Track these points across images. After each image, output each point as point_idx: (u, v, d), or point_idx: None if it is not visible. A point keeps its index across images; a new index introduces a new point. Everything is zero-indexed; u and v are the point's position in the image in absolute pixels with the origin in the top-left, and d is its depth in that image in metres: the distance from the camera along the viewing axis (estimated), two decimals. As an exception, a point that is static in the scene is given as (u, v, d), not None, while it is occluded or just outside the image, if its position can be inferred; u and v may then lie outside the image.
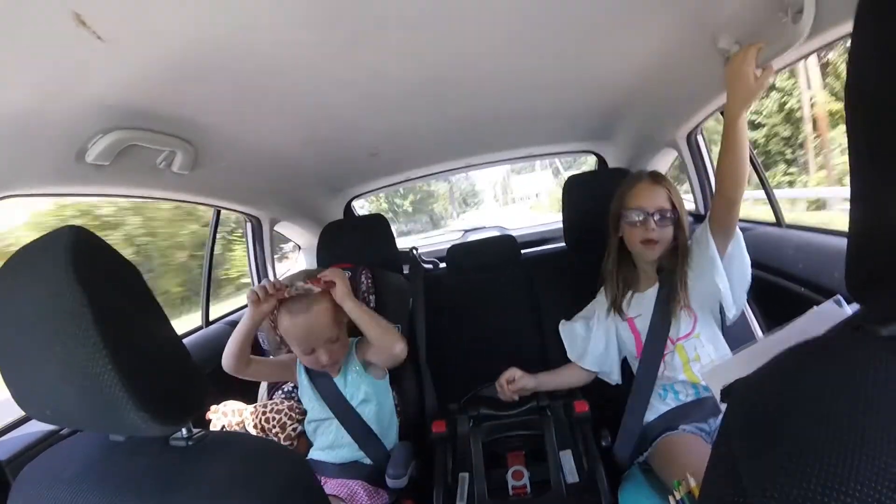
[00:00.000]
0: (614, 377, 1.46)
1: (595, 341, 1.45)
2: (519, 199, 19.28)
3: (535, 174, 17.99)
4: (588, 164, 2.72)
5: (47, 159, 1.00)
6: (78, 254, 0.53)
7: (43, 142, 0.96)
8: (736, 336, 1.37)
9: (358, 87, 1.23)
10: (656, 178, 1.35)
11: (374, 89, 1.26)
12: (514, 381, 1.43)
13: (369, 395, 1.38)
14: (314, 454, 1.39)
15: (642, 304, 1.39)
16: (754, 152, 1.45)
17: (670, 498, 0.91)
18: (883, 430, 0.32)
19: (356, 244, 1.77)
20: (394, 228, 1.86)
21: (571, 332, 1.51)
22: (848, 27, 0.89)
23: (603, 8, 1.03)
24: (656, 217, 1.30)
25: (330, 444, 1.38)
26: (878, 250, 0.37)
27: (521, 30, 1.08)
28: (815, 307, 0.74)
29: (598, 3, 1.01)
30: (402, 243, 2.29)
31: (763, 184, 1.59)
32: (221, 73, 0.99)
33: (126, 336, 0.55)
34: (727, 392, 0.47)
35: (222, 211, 1.81)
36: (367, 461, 1.34)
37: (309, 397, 1.39)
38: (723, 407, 0.65)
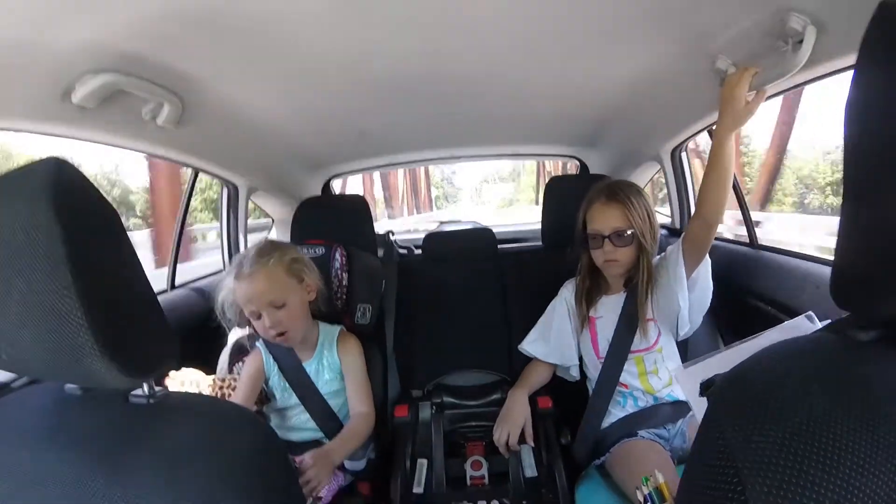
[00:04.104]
0: (573, 372, 1.47)
1: (556, 335, 1.46)
2: (487, 202, 27.79)
3: (500, 185, 29.15)
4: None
5: (32, 94, 0.95)
6: (59, 187, 0.50)
7: (29, 75, 0.90)
8: (700, 349, 1.40)
9: (353, 66, 1.21)
10: (611, 195, 1.32)
11: (369, 70, 1.24)
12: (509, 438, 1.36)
13: (340, 388, 1.37)
14: None
15: (606, 307, 1.41)
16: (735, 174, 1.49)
17: (637, 492, 0.92)
18: (864, 425, 0.35)
19: (332, 222, 1.74)
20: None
21: (534, 334, 1.51)
22: (844, 62, 0.92)
23: (604, 21, 1.04)
24: (613, 239, 1.30)
25: (291, 426, 1.36)
26: (866, 264, 0.40)
27: (518, 33, 1.09)
28: (786, 321, 0.76)
29: (601, 16, 1.02)
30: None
31: (741, 204, 1.63)
32: (221, 27, 0.96)
33: (98, 279, 0.51)
34: (707, 385, 0.48)
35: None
36: (326, 441, 1.32)
37: (276, 385, 1.36)
38: (696, 405, 0.67)
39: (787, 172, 10.50)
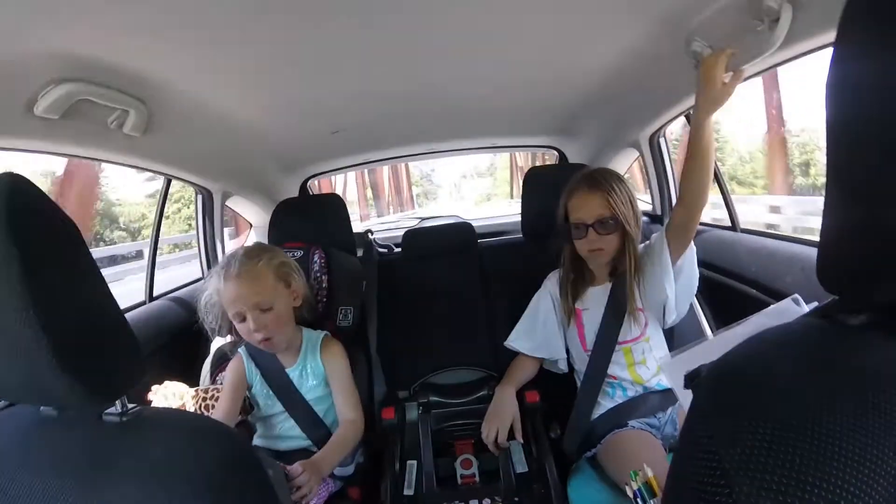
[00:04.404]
0: (561, 365, 1.45)
1: (542, 329, 1.44)
2: (466, 197, 29.16)
3: (478, 180, 30.18)
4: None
5: None
6: (13, 204, 0.49)
7: None
8: (686, 335, 1.40)
9: (323, 62, 1.18)
10: (593, 183, 1.30)
11: (340, 66, 1.21)
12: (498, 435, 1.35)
13: (325, 394, 1.34)
14: (259, 441, 1.34)
15: (592, 298, 1.39)
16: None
17: (626, 488, 0.91)
18: (858, 417, 0.33)
19: (310, 224, 1.71)
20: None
21: (519, 329, 1.49)
22: (822, 40, 0.91)
23: (576, 6, 1.02)
24: (597, 227, 1.28)
25: (277, 434, 1.33)
26: (853, 247, 0.39)
27: (492, 20, 1.06)
28: (772, 305, 0.75)
29: (573, 1, 1.00)
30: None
31: (721, 188, 1.63)
32: (184, 29, 0.92)
33: (58, 298, 0.51)
34: (692, 377, 0.47)
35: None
36: (315, 449, 1.29)
37: (259, 392, 1.32)
38: (682, 396, 0.66)
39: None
